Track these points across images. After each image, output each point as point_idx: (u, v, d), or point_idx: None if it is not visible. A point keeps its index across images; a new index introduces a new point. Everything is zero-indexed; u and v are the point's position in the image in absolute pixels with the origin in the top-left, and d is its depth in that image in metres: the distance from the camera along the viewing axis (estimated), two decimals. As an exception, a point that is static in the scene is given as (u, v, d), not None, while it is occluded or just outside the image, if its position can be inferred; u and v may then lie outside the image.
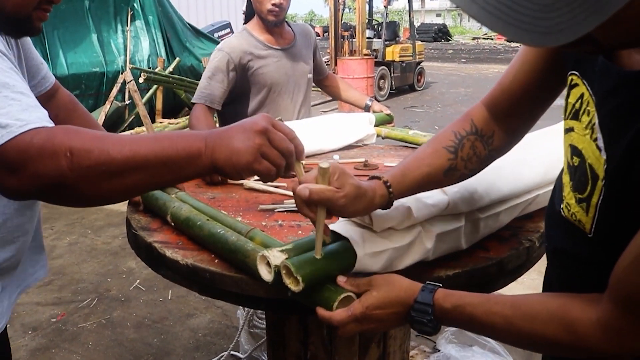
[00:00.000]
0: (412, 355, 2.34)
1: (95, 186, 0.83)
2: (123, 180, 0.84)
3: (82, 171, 0.81)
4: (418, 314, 0.87)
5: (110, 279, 3.58)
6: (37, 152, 0.80)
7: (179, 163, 0.85)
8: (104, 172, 0.82)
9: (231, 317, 3.05)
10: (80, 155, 0.81)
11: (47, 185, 0.81)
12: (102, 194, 0.85)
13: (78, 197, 0.85)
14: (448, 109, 10.45)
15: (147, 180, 0.86)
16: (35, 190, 0.82)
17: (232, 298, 1.13)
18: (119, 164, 0.82)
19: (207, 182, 1.71)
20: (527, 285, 3.25)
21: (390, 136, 2.23)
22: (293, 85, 2.36)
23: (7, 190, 0.84)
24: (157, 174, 0.85)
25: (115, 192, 0.85)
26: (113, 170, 0.82)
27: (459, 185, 1.09)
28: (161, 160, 0.84)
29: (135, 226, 1.35)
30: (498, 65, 19.63)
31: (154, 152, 0.84)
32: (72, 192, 0.83)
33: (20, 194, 0.85)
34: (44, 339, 2.90)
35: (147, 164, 0.84)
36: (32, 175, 0.80)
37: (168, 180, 0.88)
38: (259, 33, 2.32)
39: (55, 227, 4.49)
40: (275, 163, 0.86)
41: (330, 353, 1.44)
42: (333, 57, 10.87)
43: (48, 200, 0.86)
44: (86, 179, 0.82)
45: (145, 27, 8.19)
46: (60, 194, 0.83)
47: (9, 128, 0.81)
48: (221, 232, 1.13)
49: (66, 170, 0.80)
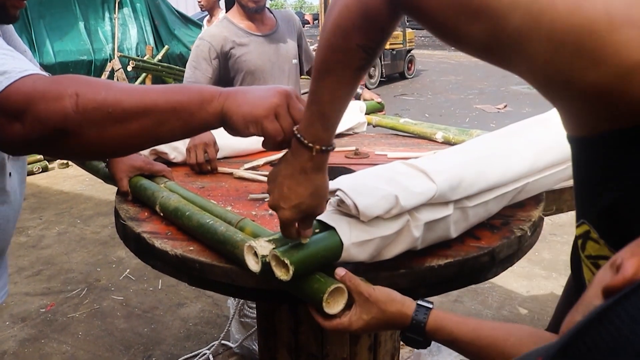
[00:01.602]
0: (403, 344, 2.35)
1: (100, 131, 0.80)
2: (129, 125, 0.81)
3: (87, 114, 0.79)
4: (409, 341, 0.92)
5: (100, 268, 3.56)
6: (40, 95, 0.78)
7: (190, 108, 0.83)
8: (110, 116, 0.80)
9: (222, 307, 3.04)
10: (87, 97, 0.79)
11: (50, 131, 0.78)
12: (106, 141, 0.82)
13: (81, 144, 0.81)
14: (438, 97, 10.44)
15: (154, 127, 0.83)
16: (38, 138, 0.79)
17: (222, 289, 1.12)
18: (126, 107, 0.81)
19: (196, 172, 1.70)
20: (518, 273, 3.27)
21: (381, 124, 2.22)
22: (278, 71, 2.34)
23: (9, 141, 0.80)
24: (165, 120, 0.83)
25: (119, 140, 0.82)
26: (119, 113, 0.80)
27: (447, 173, 1.08)
28: (171, 105, 0.83)
29: (123, 216, 1.33)
30: (488, 53, 19.63)
31: (165, 97, 0.83)
32: (76, 138, 0.80)
33: (22, 144, 0.81)
34: (33, 329, 2.88)
35: (155, 108, 0.82)
36: (36, 119, 0.78)
37: (175, 128, 0.84)
38: (239, 20, 2.30)
39: (43, 217, 4.46)
40: (285, 129, 0.85)
41: (321, 342, 1.44)
42: (323, 45, 10.81)
43: (50, 151, 0.83)
44: (91, 122, 0.79)
45: (133, 14, 8.12)
46: (63, 141, 0.80)
47: (7, 74, 0.79)
48: (210, 223, 1.12)
49: (71, 113, 0.78)
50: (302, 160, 0.85)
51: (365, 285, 0.93)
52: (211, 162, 1.70)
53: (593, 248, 0.69)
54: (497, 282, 3.17)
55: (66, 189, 5.18)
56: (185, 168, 1.74)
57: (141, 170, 1.44)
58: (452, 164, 1.14)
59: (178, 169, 1.72)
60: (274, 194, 0.89)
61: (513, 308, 2.97)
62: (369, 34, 0.74)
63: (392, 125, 2.18)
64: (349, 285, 0.93)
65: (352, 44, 0.75)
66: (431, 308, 0.90)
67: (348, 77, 0.79)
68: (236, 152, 1.87)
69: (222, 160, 1.80)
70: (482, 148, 1.27)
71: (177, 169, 1.72)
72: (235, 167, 1.69)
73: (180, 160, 1.77)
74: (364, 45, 0.75)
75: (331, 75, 0.79)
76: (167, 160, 1.75)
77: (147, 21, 8.22)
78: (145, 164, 1.45)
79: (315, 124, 0.83)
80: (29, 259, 3.70)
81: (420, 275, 1.06)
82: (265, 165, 1.75)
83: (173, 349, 2.69)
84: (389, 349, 1.57)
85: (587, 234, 0.70)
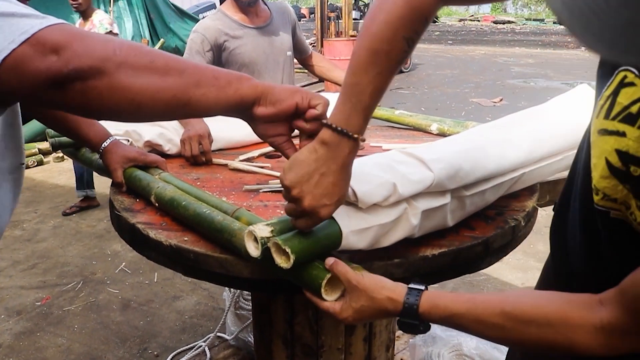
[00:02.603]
0: (398, 335, 2.36)
1: (135, 77, 0.80)
2: (166, 78, 0.83)
3: (128, 58, 0.80)
4: (405, 326, 0.88)
5: (96, 261, 3.56)
6: (86, 34, 0.79)
7: (228, 78, 0.88)
8: (150, 65, 0.82)
9: (217, 299, 3.04)
10: (130, 46, 0.82)
11: (86, 67, 0.77)
12: (137, 89, 0.81)
13: (111, 88, 0.79)
14: (434, 91, 10.44)
15: (189, 87, 0.84)
16: (70, 72, 0.76)
17: (217, 279, 1.12)
18: (168, 60, 0.84)
19: (191, 163, 1.70)
20: (513, 265, 3.28)
21: (376, 116, 2.22)
22: (273, 63, 2.34)
23: (35, 74, 0.76)
24: (202, 83, 0.85)
25: (151, 90, 0.82)
26: (160, 64, 0.83)
27: (445, 162, 1.08)
28: (211, 70, 0.88)
29: (118, 207, 1.33)
30: (484, 47, 19.65)
31: (204, 65, 0.89)
32: (108, 79, 0.79)
33: (48, 79, 0.77)
34: (28, 322, 2.88)
35: (195, 69, 0.86)
36: (76, 54, 0.76)
37: (209, 94, 0.86)
38: (233, 13, 2.30)
39: (39, 211, 4.45)
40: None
41: (316, 333, 1.44)
42: (319, 38, 10.80)
43: (73, 93, 0.79)
44: (129, 66, 0.80)
45: (128, 7, 8.09)
46: (94, 82, 0.78)
47: (51, 19, 0.79)
48: (207, 212, 1.12)
49: (111, 54, 0.78)
50: (345, 154, 0.87)
51: (354, 273, 0.91)
52: (206, 154, 1.69)
53: (626, 95, 0.72)
54: (492, 274, 3.18)
55: (61, 182, 5.17)
56: (179, 160, 1.74)
57: (135, 161, 1.44)
58: (449, 153, 1.14)
59: (173, 161, 1.72)
60: (312, 194, 0.87)
61: (508, 300, 2.97)
62: (414, 25, 0.81)
63: (387, 117, 2.18)
64: (337, 274, 0.91)
65: (398, 36, 0.81)
66: (423, 290, 0.87)
67: (391, 69, 0.85)
68: (231, 143, 1.87)
69: (217, 152, 1.80)
70: (479, 138, 1.27)
71: (172, 161, 1.71)
72: (230, 159, 1.69)
73: (174, 152, 1.76)
74: (408, 36, 0.81)
75: (376, 67, 0.84)
76: (161, 152, 1.74)
77: (142, 14, 8.19)
78: (139, 154, 1.45)
79: (355, 116, 0.86)
80: (24, 253, 3.70)
81: (415, 265, 1.06)
82: (260, 157, 1.75)
83: (169, 341, 2.69)
84: (384, 340, 1.57)
85: (621, 81, 0.74)
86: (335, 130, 0.86)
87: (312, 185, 0.87)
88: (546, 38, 23.91)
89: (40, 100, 0.82)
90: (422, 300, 0.85)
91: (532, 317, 0.77)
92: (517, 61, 14.94)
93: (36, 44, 0.75)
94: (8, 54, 0.74)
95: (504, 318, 0.78)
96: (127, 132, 1.71)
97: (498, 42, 21.97)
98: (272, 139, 0.95)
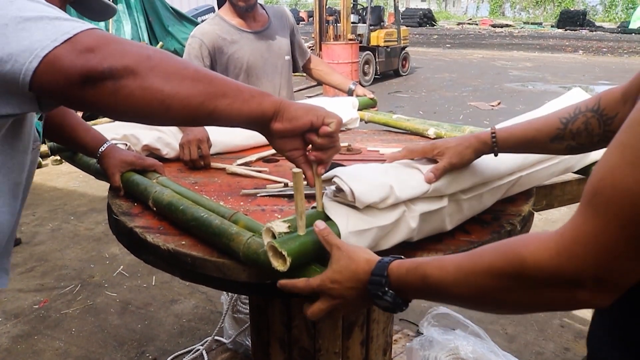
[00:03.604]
0: (396, 339, 2.36)
1: (163, 82, 0.84)
2: (195, 85, 0.87)
3: (161, 62, 0.84)
4: (374, 287, 0.84)
5: (94, 265, 3.56)
6: (122, 39, 0.85)
7: (251, 92, 0.93)
8: (181, 72, 0.86)
9: (215, 303, 3.04)
10: (163, 53, 0.87)
11: (120, 67, 0.81)
12: (165, 94, 0.84)
13: (141, 89, 0.83)
14: (433, 94, 10.46)
15: (215, 96, 0.88)
16: (104, 70, 0.80)
17: (215, 283, 1.13)
18: (198, 69, 0.89)
19: (189, 167, 1.70)
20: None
21: (373, 120, 2.23)
22: (271, 68, 2.35)
23: (67, 70, 0.80)
24: (227, 94, 0.89)
25: (181, 95, 0.86)
26: (190, 72, 0.87)
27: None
28: (236, 84, 0.92)
29: (116, 211, 1.34)
30: (482, 50, 19.69)
31: (229, 79, 0.93)
32: (139, 81, 0.82)
33: (86, 70, 0.80)
34: (26, 325, 2.88)
35: (222, 80, 0.91)
36: (111, 54, 0.81)
37: (232, 104, 0.90)
38: (231, 17, 2.30)
39: (37, 213, 4.45)
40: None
41: (313, 337, 1.45)
42: (318, 42, 10.80)
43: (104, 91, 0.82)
44: (161, 71, 0.84)
45: (127, 10, 8.09)
46: (126, 82, 0.82)
47: (87, 24, 0.84)
48: (204, 216, 1.13)
49: (145, 58, 0.83)
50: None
51: (339, 240, 0.93)
52: (204, 158, 1.70)
53: None
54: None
55: (60, 185, 5.17)
56: (178, 164, 1.74)
57: (133, 165, 1.44)
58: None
59: (171, 165, 1.72)
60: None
61: (505, 304, 2.98)
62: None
63: (385, 122, 2.19)
64: (325, 238, 0.92)
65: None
66: (400, 257, 0.86)
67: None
68: (229, 148, 1.87)
69: (215, 156, 1.80)
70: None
71: (170, 165, 1.72)
72: (228, 163, 1.70)
73: (172, 156, 1.77)
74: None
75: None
76: (159, 156, 1.75)
77: (141, 17, 8.18)
78: (136, 158, 1.46)
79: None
80: (23, 256, 3.70)
81: (411, 269, 1.06)
82: (257, 161, 1.76)
83: (166, 345, 2.69)
84: (381, 343, 1.58)
85: None
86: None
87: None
88: (544, 42, 23.96)
89: (71, 99, 0.85)
90: (394, 262, 0.84)
91: (485, 248, 0.74)
92: (515, 65, 14.97)
93: (76, 43, 0.80)
94: (50, 51, 0.79)
95: (463, 255, 0.76)
96: (125, 136, 1.71)
97: (496, 45, 22.02)
98: (289, 153, 1.01)
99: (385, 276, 0.82)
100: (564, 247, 0.60)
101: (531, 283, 0.64)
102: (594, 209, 0.58)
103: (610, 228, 0.57)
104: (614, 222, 0.56)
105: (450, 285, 0.75)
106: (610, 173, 0.57)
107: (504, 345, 2.56)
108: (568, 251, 0.60)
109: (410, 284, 0.81)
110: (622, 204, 0.55)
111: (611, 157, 0.58)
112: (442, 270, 0.76)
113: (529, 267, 0.63)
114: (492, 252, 0.70)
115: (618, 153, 0.57)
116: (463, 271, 0.73)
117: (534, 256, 0.63)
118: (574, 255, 0.60)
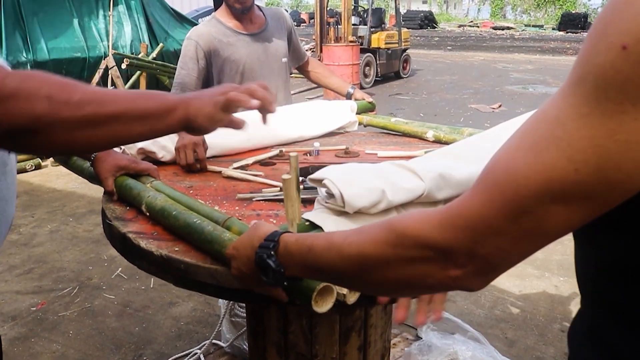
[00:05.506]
0: (394, 343, 2.35)
1: (70, 134, 0.81)
2: (100, 129, 0.84)
3: (59, 118, 0.79)
4: (261, 250, 0.82)
5: (92, 267, 3.55)
6: (11, 92, 0.76)
7: (157, 114, 0.90)
8: (82, 120, 0.81)
9: (213, 306, 3.03)
10: (60, 100, 0.79)
11: (18, 128, 0.77)
12: (75, 142, 0.83)
13: (49, 143, 0.81)
14: (433, 97, 10.45)
15: (123, 131, 0.88)
16: (3, 133, 0.76)
17: (208, 290, 1.11)
18: (98, 113, 0.83)
19: (185, 170, 1.69)
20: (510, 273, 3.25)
21: (372, 124, 2.22)
22: (268, 70, 2.33)
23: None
24: (134, 125, 0.88)
25: (89, 142, 0.84)
26: (91, 119, 0.82)
27: (436, 172, 1.08)
28: (141, 111, 0.88)
29: (109, 216, 1.32)
30: (484, 52, 19.69)
31: (135, 104, 0.89)
32: (44, 137, 0.79)
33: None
34: (23, 328, 2.87)
35: (126, 114, 0.86)
36: (3, 116, 0.75)
37: (142, 132, 0.90)
38: (228, 20, 2.29)
39: (35, 215, 4.44)
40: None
41: (310, 342, 1.43)
42: (318, 43, 10.80)
43: (14, 146, 0.82)
44: (62, 125, 0.79)
45: (127, 11, 8.09)
46: (31, 140, 0.79)
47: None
48: (197, 222, 1.11)
49: (42, 115, 0.77)
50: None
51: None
52: (201, 161, 1.68)
53: None
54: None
55: (59, 186, 5.16)
56: (173, 167, 1.73)
57: (126, 169, 1.43)
58: (440, 164, 1.14)
59: (166, 168, 1.71)
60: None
61: (505, 307, 2.97)
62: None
63: (383, 125, 2.18)
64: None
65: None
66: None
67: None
68: (225, 151, 1.86)
69: (211, 159, 1.79)
70: (470, 148, 1.27)
71: (165, 168, 1.70)
72: (224, 166, 1.68)
73: (168, 160, 1.75)
74: None
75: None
76: (155, 160, 1.73)
77: (141, 19, 8.18)
78: (130, 162, 1.44)
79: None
80: (21, 257, 3.69)
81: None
82: (254, 165, 1.74)
83: (164, 348, 2.68)
84: (379, 349, 1.56)
85: None
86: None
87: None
88: (545, 44, 23.96)
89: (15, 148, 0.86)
90: (286, 233, 0.83)
91: (376, 222, 0.71)
92: (516, 67, 14.97)
93: None
94: None
95: (352, 230, 0.74)
96: (121, 139, 1.70)
97: (497, 48, 22.02)
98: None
99: (276, 241, 0.81)
100: (447, 219, 0.60)
101: (407, 253, 0.63)
102: (483, 186, 0.59)
103: (493, 205, 0.57)
104: (498, 199, 0.57)
105: (334, 256, 0.73)
106: (505, 155, 0.58)
107: (503, 349, 2.54)
108: (449, 223, 0.60)
109: (296, 253, 0.79)
110: (507, 181, 0.56)
111: (511, 141, 0.59)
112: (328, 241, 0.74)
113: (409, 235, 0.63)
114: (381, 223, 0.69)
115: (517, 138, 0.59)
116: (348, 240, 0.71)
117: (415, 225, 0.63)
118: (454, 227, 0.59)
